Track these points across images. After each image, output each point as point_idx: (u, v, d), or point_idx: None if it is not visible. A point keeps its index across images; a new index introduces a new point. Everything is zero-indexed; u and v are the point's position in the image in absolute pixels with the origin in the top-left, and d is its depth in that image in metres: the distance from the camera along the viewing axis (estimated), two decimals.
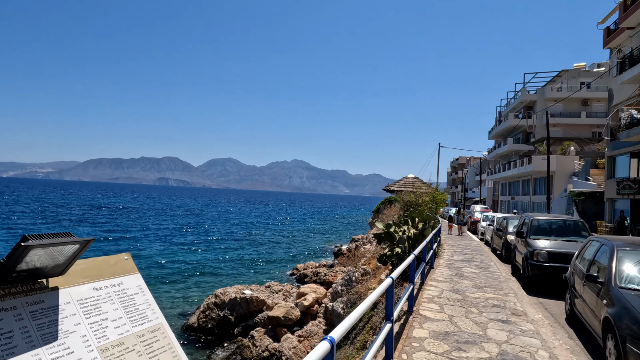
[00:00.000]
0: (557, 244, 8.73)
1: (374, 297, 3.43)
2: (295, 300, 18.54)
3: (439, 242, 15.00)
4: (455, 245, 17.00)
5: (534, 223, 9.65)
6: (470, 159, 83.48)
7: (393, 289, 3.79)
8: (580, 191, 30.29)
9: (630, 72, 21.07)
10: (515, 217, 14.82)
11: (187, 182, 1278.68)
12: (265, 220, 73.63)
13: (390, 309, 3.80)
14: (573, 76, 47.58)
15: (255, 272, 29.03)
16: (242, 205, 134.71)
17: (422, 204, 14.22)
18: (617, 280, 4.67)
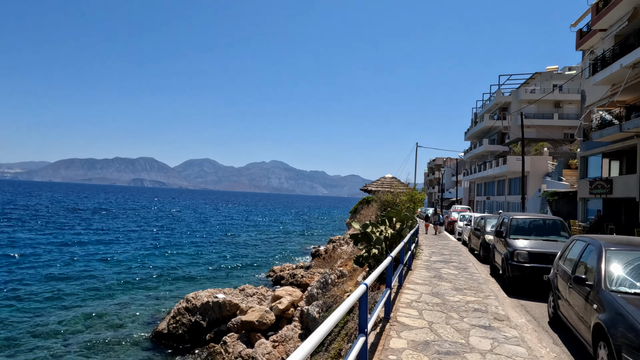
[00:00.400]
0: (537, 244, 8.48)
1: (345, 309, 2.95)
2: (270, 304, 17.96)
3: (416, 242, 14.70)
4: (433, 246, 16.76)
5: (514, 222, 9.40)
6: (447, 160, 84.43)
7: (367, 297, 3.33)
8: (553, 191, 30.72)
9: (603, 74, 21.34)
10: (493, 216, 14.65)
11: (164, 183, 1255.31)
12: (243, 222, 72.55)
13: (363, 321, 3.33)
14: (546, 78, 48.51)
15: (230, 275, 28.25)
16: (219, 206, 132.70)
17: (399, 204, 13.88)
18: (608, 283, 4.34)
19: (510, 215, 9.74)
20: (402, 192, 15.73)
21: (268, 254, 37.98)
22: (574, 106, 47.42)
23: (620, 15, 20.89)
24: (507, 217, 9.74)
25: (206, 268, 29.36)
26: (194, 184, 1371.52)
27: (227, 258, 34.03)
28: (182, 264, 30.01)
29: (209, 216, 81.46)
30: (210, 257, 33.65)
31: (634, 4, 19.85)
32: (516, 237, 9.01)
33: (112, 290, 21.93)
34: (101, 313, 18.37)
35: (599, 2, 22.42)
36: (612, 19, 21.55)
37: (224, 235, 48.85)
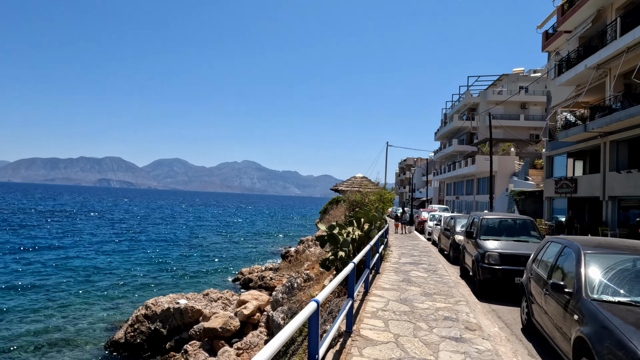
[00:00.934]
0: (508, 245, 8.15)
1: (288, 333, 2.35)
2: (235, 309, 17.18)
3: (386, 243, 14.27)
4: (403, 246, 16.41)
5: (484, 222, 9.06)
6: (418, 160, 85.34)
7: (318, 317, 2.74)
8: (520, 190, 31.17)
9: (568, 75, 21.64)
10: (462, 216, 14.41)
11: (131, 184, 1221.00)
12: (212, 223, 70.89)
13: (314, 346, 2.74)
14: (512, 80, 49.54)
15: (197, 278, 27.17)
16: (188, 207, 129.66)
17: (368, 204, 13.42)
18: (589, 291, 3.93)
19: (480, 215, 9.40)
20: (371, 191, 15.28)
21: (237, 256, 36.98)
22: (539, 107, 48.64)
23: (584, 17, 21.23)
24: (477, 217, 9.40)
25: (171, 272, 28.16)
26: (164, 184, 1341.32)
27: (194, 261, 32.85)
28: (145, 269, 28.68)
29: (177, 217, 79.25)
30: (176, 261, 32.38)
31: (597, 6, 20.18)
32: (487, 237, 8.67)
33: (66, 299, 20.57)
34: (53, 324, 17.11)
35: (564, 4, 22.75)
36: (576, 21, 21.89)
37: (192, 237, 47.41)
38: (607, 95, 19.67)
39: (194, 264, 31.71)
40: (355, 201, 13.69)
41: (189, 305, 16.77)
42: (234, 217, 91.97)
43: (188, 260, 32.80)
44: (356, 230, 10.88)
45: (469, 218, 10.64)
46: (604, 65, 19.26)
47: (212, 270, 29.92)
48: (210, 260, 33.56)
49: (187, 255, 34.95)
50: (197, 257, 34.42)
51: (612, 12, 19.60)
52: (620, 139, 18.92)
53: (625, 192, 18.15)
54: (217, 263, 32.74)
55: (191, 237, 47.95)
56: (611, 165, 19.36)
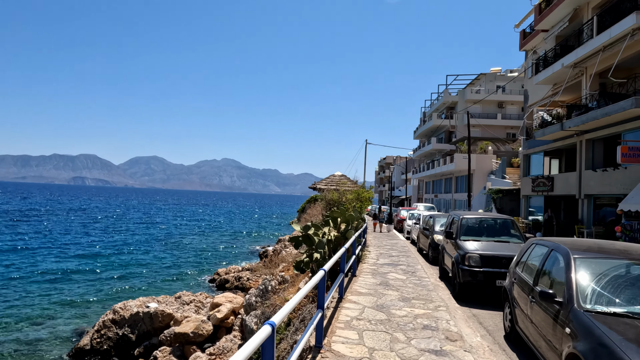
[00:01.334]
0: (489, 246, 7.83)
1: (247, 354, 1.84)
2: (208, 313, 16.52)
3: (364, 243, 13.88)
4: (382, 246, 16.06)
5: (464, 222, 8.72)
6: (397, 158, 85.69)
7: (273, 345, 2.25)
8: (498, 189, 31.35)
9: (545, 73, 21.70)
10: (442, 215, 14.14)
11: (107, 182, 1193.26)
12: (189, 222, 69.50)
13: None
14: (490, 80, 50.03)
15: (171, 280, 26.30)
16: (165, 205, 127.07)
17: (345, 203, 12.98)
18: (581, 301, 3.56)
19: (460, 214, 9.07)
20: (348, 190, 14.85)
21: (214, 256, 36.13)
22: (516, 107, 49.28)
23: (561, 15, 21.30)
24: (457, 217, 9.07)
25: (143, 274, 27.19)
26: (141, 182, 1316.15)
27: (169, 262, 31.88)
28: (116, 270, 27.62)
29: (152, 216, 77.40)
30: (149, 262, 31.35)
31: (574, 5, 20.25)
32: (467, 238, 8.34)
33: (30, 304, 19.50)
34: (13, 331, 16.11)
35: (541, 2, 22.81)
36: (553, 20, 21.96)
37: (167, 237, 46.21)
38: (583, 94, 19.77)
39: (169, 265, 30.77)
40: (332, 200, 13.24)
41: (159, 309, 16.04)
42: (212, 215, 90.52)
43: (162, 261, 31.81)
44: (332, 231, 10.43)
45: (449, 217, 10.31)
46: (580, 64, 19.34)
47: (187, 271, 29.06)
48: (186, 261, 32.65)
49: (161, 256, 33.92)
50: (172, 258, 33.45)
51: (588, 11, 19.70)
52: (596, 138, 19.04)
53: (600, 191, 18.26)
54: (193, 264, 31.86)
55: (166, 236, 46.75)
56: (587, 163, 19.47)
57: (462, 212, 9.75)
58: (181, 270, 29.27)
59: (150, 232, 49.75)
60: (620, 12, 16.01)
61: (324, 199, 13.32)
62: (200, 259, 34.26)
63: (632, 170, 15.93)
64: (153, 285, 24.48)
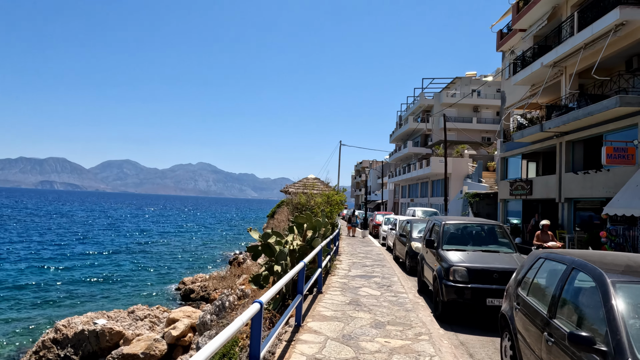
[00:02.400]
0: (477, 257, 6.67)
1: None
2: (163, 329, 14.89)
3: (335, 251, 12.59)
4: (355, 254, 14.82)
5: (447, 229, 7.55)
6: (373, 163, 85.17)
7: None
8: (474, 192, 30.69)
9: (523, 73, 21.04)
10: (419, 220, 13.01)
11: (77, 186, 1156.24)
12: (159, 226, 66.80)
13: None
14: (465, 83, 49.89)
15: (131, 290, 24.34)
16: (135, 210, 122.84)
17: (314, 207, 11.66)
18: (637, 352, 2.38)
19: (442, 220, 7.89)
20: (317, 192, 13.55)
21: (181, 263, 34.15)
22: (491, 111, 49.27)
23: (540, 14, 20.72)
24: (439, 223, 7.89)
25: (101, 284, 25.12)
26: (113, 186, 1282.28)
27: (132, 270, 29.80)
28: (70, 281, 25.44)
29: (120, 221, 74.19)
30: (110, 271, 29.20)
31: (552, 3, 19.67)
32: (450, 247, 7.17)
33: None
34: None
35: (519, 1, 22.23)
36: (532, 19, 21.38)
37: (133, 243, 43.81)
38: (563, 94, 19.16)
39: (131, 273, 28.72)
40: (299, 204, 11.89)
41: (108, 326, 14.31)
42: (185, 220, 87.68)
43: (124, 270, 29.72)
44: (297, 239, 9.10)
45: (429, 223, 9.16)
46: (560, 63, 18.71)
47: (151, 281, 27.12)
48: (150, 269, 30.63)
49: (123, 264, 31.77)
50: (136, 266, 31.35)
51: (567, 9, 19.14)
52: (576, 139, 18.40)
53: (581, 194, 17.57)
54: (158, 272, 29.89)
55: (132, 242, 44.35)
56: (567, 166, 18.82)
57: (444, 217, 8.59)
58: (144, 280, 27.31)
59: (114, 238, 47.18)
60: (602, 9, 15.37)
61: (291, 203, 11.87)
62: (166, 266, 32.27)
63: (615, 172, 15.24)
64: (110, 298, 22.51)
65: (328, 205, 12.26)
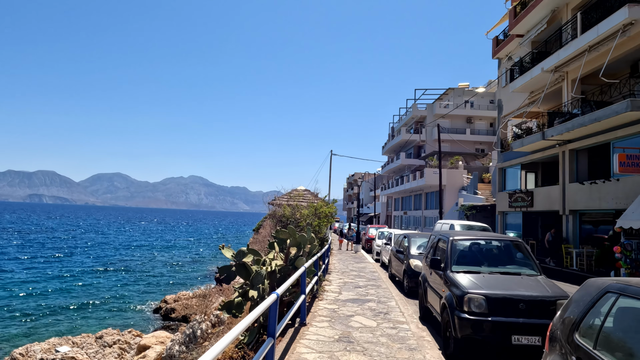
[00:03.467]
0: (495, 282, 5.39)
1: None
2: (133, 358, 13.34)
3: (325, 269, 11.25)
4: (347, 272, 13.48)
5: (456, 247, 6.26)
6: (365, 175, 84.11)
7: None
8: (471, 205, 29.59)
9: (522, 79, 20.12)
10: (418, 234, 11.74)
11: (66, 199, 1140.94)
12: (147, 241, 64.75)
13: None
14: (458, 94, 49.28)
15: (108, 310, 22.64)
16: (124, 224, 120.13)
17: (300, 219, 10.33)
18: None
19: (449, 235, 6.58)
20: (304, 204, 12.18)
21: (165, 280, 32.42)
22: (485, 122, 48.61)
23: (538, 18, 19.90)
24: (445, 238, 6.60)
25: (74, 304, 23.38)
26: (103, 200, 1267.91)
27: (110, 288, 28.07)
28: (43, 300, 23.67)
29: (106, 235, 71.98)
30: (87, 288, 27.44)
31: (552, 6, 18.84)
32: (461, 269, 5.90)
33: None
34: None
35: (516, 5, 21.43)
36: (530, 23, 20.56)
37: (117, 259, 41.93)
38: (565, 100, 18.21)
39: (109, 291, 26.99)
40: (284, 217, 10.54)
41: (69, 355, 12.74)
42: (174, 234, 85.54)
43: (102, 287, 27.98)
44: (278, 258, 7.77)
45: (432, 238, 7.89)
46: (561, 68, 17.79)
47: (130, 299, 25.41)
48: (131, 286, 28.90)
49: (102, 281, 30.00)
50: (115, 283, 29.61)
51: (567, 12, 18.30)
52: (580, 148, 17.39)
53: (588, 206, 16.47)
54: (138, 289, 28.18)
55: (114, 258, 42.46)
56: (571, 176, 17.76)
57: (451, 231, 7.32)
58: (123, 298, 25.60)
59: (96, 253, 45.22)
60: (608, 9, 14.48)
61: (274, 216, 10.46)
62: (149, 283, 30.55)
63: (626, 182, 14.17)
64: (82, 318, 20.80)
65: (316, 217, 10.91)
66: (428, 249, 7.76)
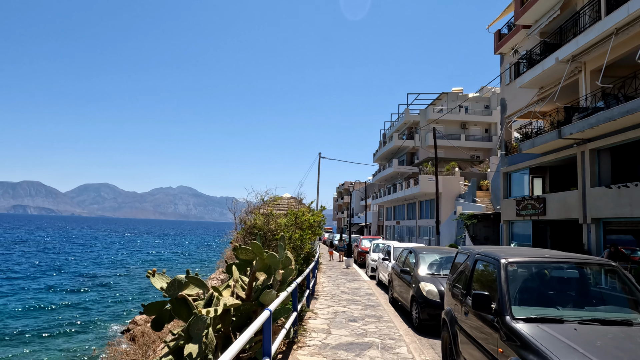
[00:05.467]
0: (600, 342, 3.00)
1: None
2: None
3: (309, 295, 8.77)
4: (338, 295, 11.01)
5: (513, 273, 3.84)
6: (356, 184, 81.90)
7: None
8: (471, 213, 27.36)
9: (531, 73, 18.03)
10: (426, 249, 9.35)
11: (52, 210, 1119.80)
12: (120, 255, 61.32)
13: None
14: (452, 99, 47.48)
15: (66, 332, 19.76)
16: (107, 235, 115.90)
17: (276, 231, 7.81)
18: None
19: (498, 255, 4.14)
20: (282, 211, 9.73)
21: (138, 297, 29.46)
22: (479, 128, 46.82)
23: (550, 5, 17.90)
24: (494, 261, 4.17)
25: (32, 325, 20.45)
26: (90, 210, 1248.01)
27: (77, 304, 25.12)
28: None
29: (84, 248, 68.35)
30: (48, 310, 24.42)
31: None
32: (527, 312, 3.54)
33: None
34: None
35: None
36: (539, 12, 18.57)
37: (86, 275, 38.73)
38: (582, 94, 16.13)
39: (76, 309, 24.05)
40: (255, 227, 7.98)
41: None
42: (158, 246, 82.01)
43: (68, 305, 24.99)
44: (238, 289, 5.32)
45: (457, 256, 5.50)
46: (580, 57, 15.72)
47: (95, 319, 22.48)
48: (99, 304, 25.95)
49: (69, 297, 26.99)
50: (83, 300, 26.63)
51: None
52: (603, 147, 15.25)
53: (615, 213, 14.27)
54: (108, 308, 25.24)
55: (86, 274, 39.27)
56: (593, 179, 15.59)
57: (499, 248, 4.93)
58: (87, 318, 22.67)
59: (70, 270, 41.97)
60: None
61: (244, 226, 7.94)
62: (118, 302, 27.59)
63: None
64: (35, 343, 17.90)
65: (297, 228, 8.38)
66: (456, 274, 5.35)
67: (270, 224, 7.76)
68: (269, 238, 7.42)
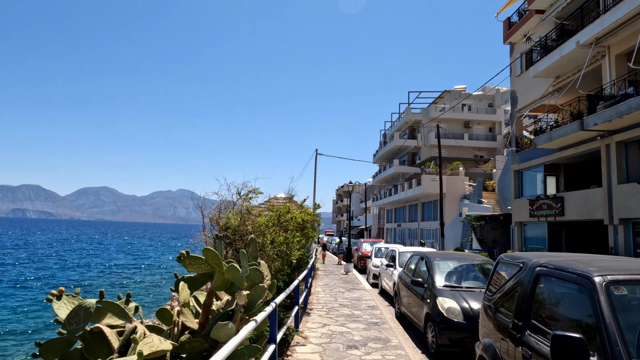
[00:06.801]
0: None
1: None
2: None
3: (298, 313, 7.13)
4: (334, 309, 9.40)
5: (621, 301, 2.35)
6: (356, 186, 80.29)
7: None
8: (478, 215, 25.76)
9: (547, 61, 16.46)
10: (440, 255, 7.74)
11: (51, 214, 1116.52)
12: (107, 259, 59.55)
13: None
14: (455, 97, 45.95)
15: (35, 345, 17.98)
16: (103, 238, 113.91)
17: (257, 232, 6.10)
18: None
19: (577, 266, 2.62)
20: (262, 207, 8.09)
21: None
22: (483, 127, 45.30)
23: None
24: (573, 275, 2.63)
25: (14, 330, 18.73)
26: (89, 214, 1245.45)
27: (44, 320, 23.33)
28: None
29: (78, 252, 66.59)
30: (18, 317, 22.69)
31: None
32: None
33: None
34: None
35: None
36: None
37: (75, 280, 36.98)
38: (607, 81, 14.56)
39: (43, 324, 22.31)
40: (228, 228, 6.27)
41: None
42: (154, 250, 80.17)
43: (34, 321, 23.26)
44: (188, 316, 3.69)
45: (499, 266, 3.91)
46: (604, 40, 14.17)
47: None
48: None
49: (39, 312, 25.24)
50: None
51: None
52: (630, 139, 13.67)
53: None
54: None
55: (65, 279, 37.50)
56: (620, 175, 13.99)
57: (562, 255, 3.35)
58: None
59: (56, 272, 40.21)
60: None
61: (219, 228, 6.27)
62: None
63: None
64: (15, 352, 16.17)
65: (281, 229, 6.68)
66: (498, 292, 3.74)
67: (247, 225, 6.14)
68: (246, 242, 5.83)
